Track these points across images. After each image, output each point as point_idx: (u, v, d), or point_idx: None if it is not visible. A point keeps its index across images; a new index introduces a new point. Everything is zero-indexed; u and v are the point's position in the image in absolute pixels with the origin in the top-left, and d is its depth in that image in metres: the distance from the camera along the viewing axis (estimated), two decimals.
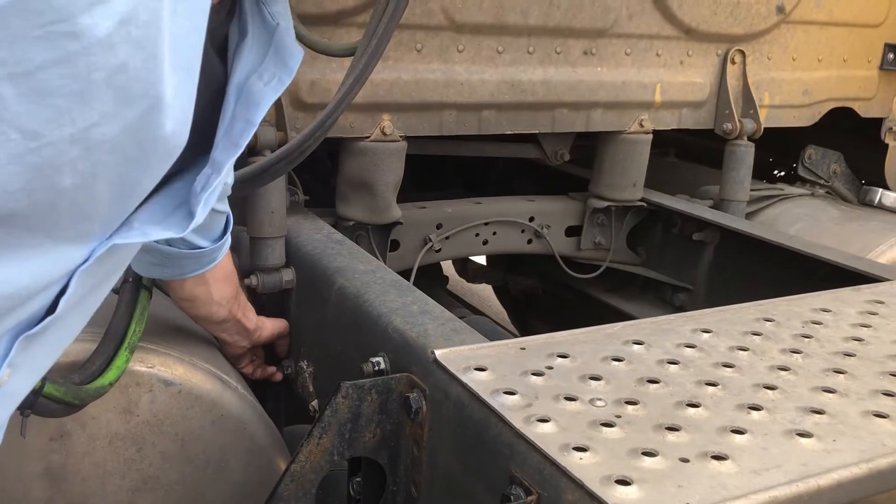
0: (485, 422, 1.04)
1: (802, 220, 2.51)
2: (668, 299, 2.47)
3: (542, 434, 0.97)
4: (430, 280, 2.61)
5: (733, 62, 2.47)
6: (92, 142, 0.68)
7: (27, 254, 0.72)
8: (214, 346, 1.61)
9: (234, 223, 1.88)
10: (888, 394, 1.13)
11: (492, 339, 1.26)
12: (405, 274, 2.05)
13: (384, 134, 1.98)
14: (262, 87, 0.92)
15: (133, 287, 1.36)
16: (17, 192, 0.66)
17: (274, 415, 1.61)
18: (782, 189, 2.72)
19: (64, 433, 1.32)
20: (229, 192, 1.30)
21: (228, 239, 1.41)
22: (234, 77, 0.90)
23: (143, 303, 1.37)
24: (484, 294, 4.14)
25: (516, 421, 0.99)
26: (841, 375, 1.19)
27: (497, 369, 1.12)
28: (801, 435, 1.00)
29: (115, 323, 1.32)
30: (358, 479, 1.29)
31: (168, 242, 1.30)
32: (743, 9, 2.41)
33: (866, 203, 2.91)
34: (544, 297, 3.07)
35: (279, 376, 1.78)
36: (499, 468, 1.00)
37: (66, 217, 0.73)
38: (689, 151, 3.10)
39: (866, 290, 1.59)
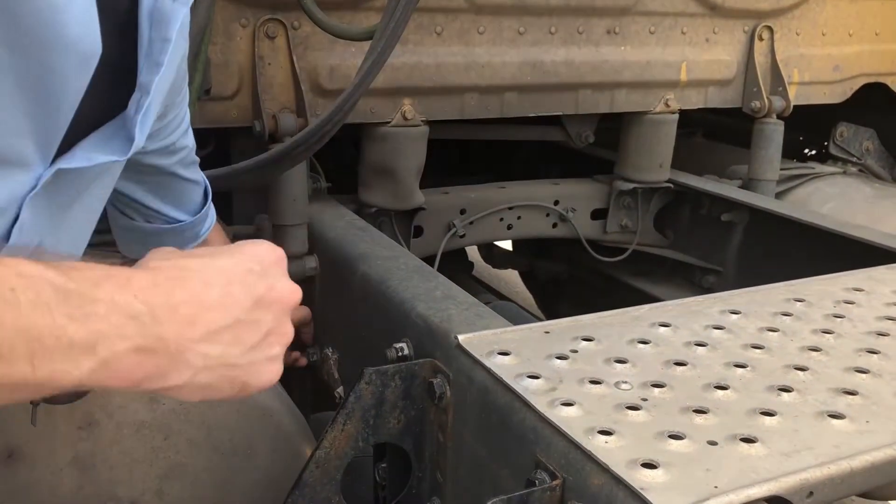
0: (509, 406, 1.02)
1: (834, 199, 2.46)
2: (698, 282, 2.44)
3: (567, 418, 0.95)
4: (454, 266, 2.60)
5: (761, 38, 2.42)
6: None
7: None
8: None
9: (258, 211, 1.91)
10: None
11: (516, 324, 1.24)
12: (429, 260, 2.04)
13: (405, 119, 1.97)
14: (171, 4, 0.92)
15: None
16: None
17: (300, 402, 1.61)
18: (813, 167, 2.67)
19: (92, 422, 1.33)
20: (197, 160, 1.28)
21: (210, 212, 1.38)
22: (142, 4, 0.91)
23: None
24: (511, 279, 4.12)
25: (540, 405, 0.98)
26: (874, 356, 1.16)
27: (521, 353, 1.11)
28: (833, 416, 0.97)
29: None
30: (383, 465, 1.29)
31: (147, 220, 1.29)
32: None
33: None
34: (571, 281, 3.05)
35: (304, 361, 1.78)
36: (524, 453, 0.99)
37: None
38: (716, 131, 3.05)
39: None
